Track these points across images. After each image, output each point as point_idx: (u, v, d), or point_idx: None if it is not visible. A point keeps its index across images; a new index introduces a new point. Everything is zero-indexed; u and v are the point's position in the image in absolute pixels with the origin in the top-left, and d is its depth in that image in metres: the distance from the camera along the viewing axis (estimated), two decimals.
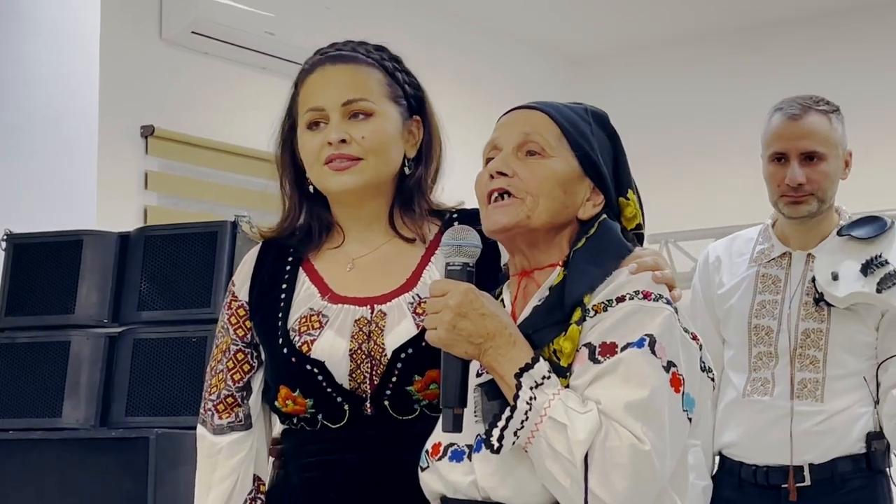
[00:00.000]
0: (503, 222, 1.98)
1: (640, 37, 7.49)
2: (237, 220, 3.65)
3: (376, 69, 2.21)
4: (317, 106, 2.18)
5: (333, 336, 2.14)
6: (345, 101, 2.17)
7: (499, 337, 1.89)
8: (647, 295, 1.91)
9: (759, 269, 3.36)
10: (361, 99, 2.18)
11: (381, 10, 6.61)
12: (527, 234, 1.99)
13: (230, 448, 2.23)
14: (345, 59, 2.21)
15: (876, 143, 6.59)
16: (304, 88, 2.22)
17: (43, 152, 4.52)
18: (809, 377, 3.27)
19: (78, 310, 3.75)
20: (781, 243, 3.36)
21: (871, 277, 3.17)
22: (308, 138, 2.19)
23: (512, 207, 1.98)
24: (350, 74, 2.19)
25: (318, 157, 2.18)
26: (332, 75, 2.19)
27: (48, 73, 4.57)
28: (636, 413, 1.82)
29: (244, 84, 5.99)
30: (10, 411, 3.70)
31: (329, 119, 2.17)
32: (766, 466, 3.30)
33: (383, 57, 2.24)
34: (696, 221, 6.83)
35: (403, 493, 2.08)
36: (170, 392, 3.59)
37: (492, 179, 2.00)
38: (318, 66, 2.21)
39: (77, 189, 4.61)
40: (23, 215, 4.22)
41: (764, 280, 3.35)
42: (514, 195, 1.98)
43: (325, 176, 2.18)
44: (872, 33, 7.03)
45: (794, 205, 3.26)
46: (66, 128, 4.60)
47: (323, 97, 2.18)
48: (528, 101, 2.09)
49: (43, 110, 4.55)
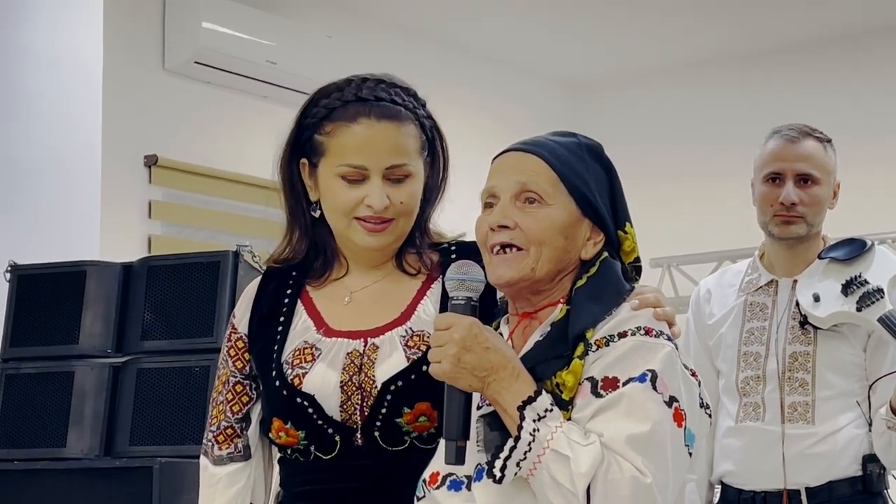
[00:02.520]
0: (508, 276, 2.00)
1: (640, 61, 7.51)
2: (239, 250, 3.67)
3: (413, 125, 2.20)
4: (360, 165, 2.16)
5: (325, 369, 2.16)
6: (389, 166, 2.16)
7: (502, 370, 1.91)
8: (649, 331, 1.93)
9: (747, 297, 3.40)
10: (404, 164, 2.17)
11: (382, 39, 6.64)
12: (532, 285, 2.01)
13: (228, 478, 2.27)
14: (389, 116, 2.16)
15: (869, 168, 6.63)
16: (344, 137, 2.16)
17: (47, 183, 4.55)
18: (799, 400, 3.29)
19: (82, 340, 3.76)
20: (768, 272, 3.40)
21: (851, 297, 3.20)
22: (343, 190, 2.17)
23: (516, 261, 1.99)
24: (395, 136, 2.16)
25: (351, 211, 2.17)
26: (379, 134, 2.15)
27: (51, 105, 4.60)
28: (637, 446, 1.84)
29: (247, 113, 6.01)
30: (15, 442, 3.72)
31: (369, 177, 2.16)
32: (763, 492, 3.31)
33: (416, 105, 2.22)
34: (698, 245, 6.83)
35: None
36: (173, 421, 3.60)
37: (493, 232, 2.01)
38: (363, 117, 2.16)
39: (81, 219, 4.63)
40: (27, 246, 4.24)
41: (752, 308, 3.38)
42: (518, 247, 1.99)
43: (355, 232, 2.19)
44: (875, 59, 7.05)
45: (785, 224, 3.28)
46: (69, 158, 4.63)
47: (367, 157, 2.15)
48: (526, 138, 2.09)
49: (47, 141, 4.57)
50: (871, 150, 6.79)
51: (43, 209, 4.52)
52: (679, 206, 7.40)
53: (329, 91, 2.22)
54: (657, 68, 7.55)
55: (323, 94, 2.22)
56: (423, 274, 2.24)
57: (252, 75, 5.96)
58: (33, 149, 4.53)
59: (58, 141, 4.60)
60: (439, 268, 2.23)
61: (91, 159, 4.70)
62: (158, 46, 5.81)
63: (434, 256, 2.27)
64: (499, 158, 2.08)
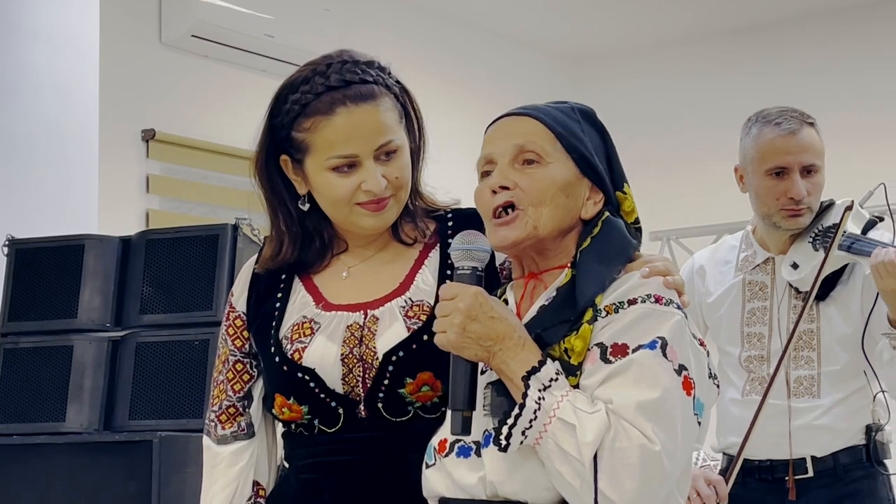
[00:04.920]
0: (512, 237, 1.99)
1: (639, 36, 7.49)
2: (238, 223, 3.66)
3: (387, 97, 2.17)
4: (350, 154, 2.13)
5: (325, 342, 2.16)
6: (377, 147, 2.14)
7: (508, 339, 1.90)
8: (659, 299, 1.93)
9: (745, 276, 3.41)
10: (391, 140, 2.16)
11: (380, 12, 6.62)
12: (535, 244, 2.00)
13: (231, 457, 2.27)
14: (364, 97, 2.13)
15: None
16: (327, 131, 2.13)
17: (44, 158, 4.53)
18: (805, 374, 3.31)
19: (80, 314, 3.76)
20: (763, 249, 3.39)
21: (819, 247, 3.22)
22: (338, 181, 2.15)
23: (518, 221, 1.98)
24: (375, 115, 2.14)
25: (350, 199, 2.16)
26: (360, 119, 2.13)
27: (48, 79, 4.58)
28: (647, 413, 1.83)
29: (244, 87, 5.99)
30: (14, 416, 3.72)
31: (361, 163, 2.14)
32: (769, 461, 3.33)
33: (384, 77, 2.19)
34: (698, 219, 6.84)
35: (399, 493, 2.09)
36: (173, 395, 3.60)
37: (493, 195, 2.00)
38: (339, 106, 2.13)
39: (79, 194, 4.62)
40: (25, 221, 4.23)
41: (751, 287, 3.39)
42: (519, 207, 1.99)
43: (359, 216, 2.17)
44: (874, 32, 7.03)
45: (793, 218, 3.28)
46: (66, 133, 4.61)
47: (355, 145, 2.13)
48: (518, 106, 2.08)
49: (43, 116, 4.55)
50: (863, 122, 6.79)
51: (41, 184, 4.51)
52: (678, 178, 7.40)
53: (295, 85, 2.17)
54: (657, 42, 7.54)
55: (289, 89, 2.18)
56: (419, 243, 2.24)
57: (250, 49, 5.94)
58: (31, 124, 4.51)
59: (55, 116, 4.58)
60: (436, 236, 2.23)
61: (88, 134, 4.68)
62: (155, 20, 5.79)
63: (430, 224, 2.26)
64: (492, 126, 2.07)
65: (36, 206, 4.45)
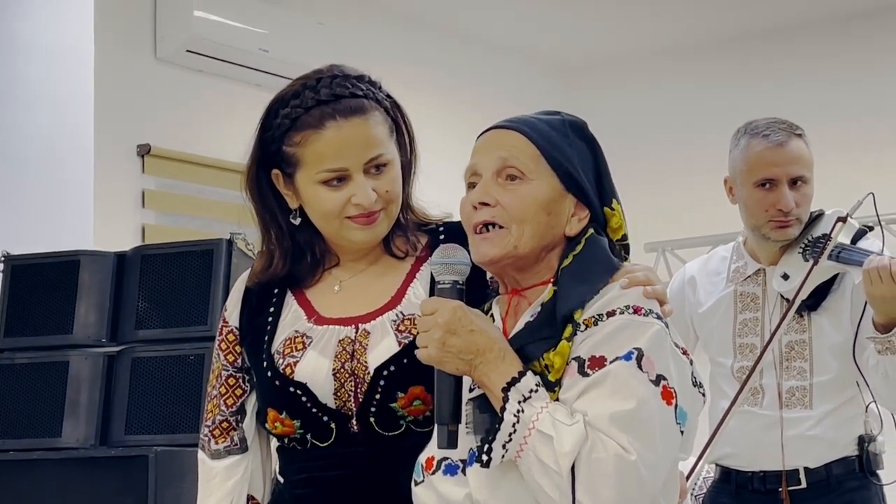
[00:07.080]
0: (491, 254, 1.99)
1: (632, 47, 7.50)
2: (233, 238, 3.67)
3: (378, 111, 2.18)
4: (339, 168, 2.14)
5: (316, 356, 2.16)
6: (367, 161, 2.15)
7: (488, 352, 1.91)
8: (638, 310, 1.92)
9: (737, 287, 3.41)
10: (381, 154, 2.16)
11: (373, 25, 6.63)
12: (514, 262, 2.00)
13: (225, 472, 2.27)
14: (354, 111, 2.14)
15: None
16: (316, 145, 2.14)
17: (39, 173, 4.55)
18: (797, 385, 3.32)
19: (76, 330, 3.77)
20: (754, 260, 3.40)
21: (809, 258, 3.23)
22: (328, 195, 2.16)
23: (498, 238, 1.98)
24: (365, 129, 2.14)
25: (340, 213, 2.16)
26: (350, 133, 2.13)
27: (43, 95, 4.60)
28: (621, 424, 1.83)
29: (239, 101, 5.99)
30: (10, 432, 3.72)
31: (351, 176, 2.15)
32: (762, 472, 3.34)
33: (374, 91, 2.20)
34: (693, 230, 6.83)
35: None
36: (168, 410, 3.60)
37: (475, 210, 2.01)
38: (329, 120, 2.13)
39: (74, 209, 4.63)
40: (20, 237, 4.25)
41: (743, 298, 3.40)
42: (500, 225, 1.99)
43: (349, 231, 2.18)
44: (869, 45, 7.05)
45: (782, 229, 3.29)
46: (61, 148, 4.63)
47: (345, 159, 2.13)
48: (508, 118, 2.08)
49: (39, 131, 4.57)
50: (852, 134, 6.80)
51: (36, 199, 4.52)
52: (673, 189, 7.40)
53: (286, 99, 2.18)
54: (650, 53, 7.55)
55: (280, 103, 2.18)
56: (411, 256, 2.24)
57: (244, 63, 5.94)
58: (26, 139, 4.53)
59: (50, 131, 4.60)
60: (428, 249, 2.22)
61: (84, 149, 4.69)
62: (150, 35, 5.79)
63: (422, 238, 2.26)
64: (481, 137, 2.07)
65: (31, 221, 4.47)
